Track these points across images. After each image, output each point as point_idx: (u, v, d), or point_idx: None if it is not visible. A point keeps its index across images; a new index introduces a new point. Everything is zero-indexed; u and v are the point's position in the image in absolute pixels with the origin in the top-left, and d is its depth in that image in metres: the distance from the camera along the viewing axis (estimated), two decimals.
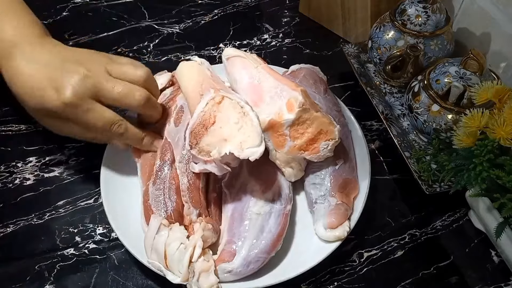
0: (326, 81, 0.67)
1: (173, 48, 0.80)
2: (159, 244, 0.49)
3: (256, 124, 0.51)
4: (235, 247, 0.51)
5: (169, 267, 0.49)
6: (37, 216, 0.58)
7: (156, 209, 0.53)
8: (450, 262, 0.56)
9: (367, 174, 0.58)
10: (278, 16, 0.87)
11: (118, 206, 0.55)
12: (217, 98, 0.53)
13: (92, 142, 0.57)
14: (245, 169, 0.57)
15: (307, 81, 0.65)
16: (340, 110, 0.65)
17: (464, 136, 0.49)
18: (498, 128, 0.46)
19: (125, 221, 0.54)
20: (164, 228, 0.50)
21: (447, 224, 0.59)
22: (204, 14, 0.86)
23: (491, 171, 0.46)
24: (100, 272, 0.54)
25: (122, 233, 0.53)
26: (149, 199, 0.53)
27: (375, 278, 0.54)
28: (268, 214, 0.53)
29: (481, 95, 0.50)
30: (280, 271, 0.52)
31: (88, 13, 0.85)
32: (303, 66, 0.68)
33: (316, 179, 0.57)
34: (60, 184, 0.61)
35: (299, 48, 0.81)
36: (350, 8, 0.77)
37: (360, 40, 0.77)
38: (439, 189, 0.57)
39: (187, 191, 0.53)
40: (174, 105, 0.61)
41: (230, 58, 0.62)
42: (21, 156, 0.64)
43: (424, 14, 0.63)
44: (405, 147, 0.61)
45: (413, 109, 0.60)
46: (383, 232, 0.58)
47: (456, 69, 0.56)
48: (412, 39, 0.64)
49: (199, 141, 0.51)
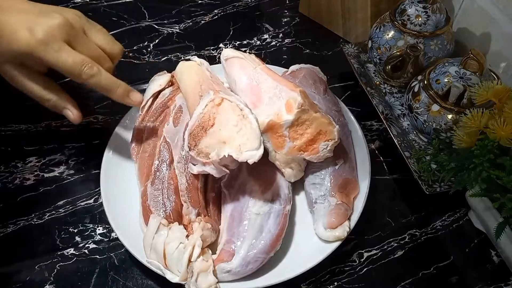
0: (326, 81, 0.67)
1: (173, 48, 0.80)
2: (158, 244, 0.49)
3: (255, 126, 0.51)
4: (234, 247, 0.51)
5: (168, 267, 0.49)
6: (37, 216, 0.58)
7: (155, 209, 0.53)
8: (450, 262, 0.56)
9: (367, 174, 0.58)
10: (278, 16, 0.87)
11: (118, 206, 0.55)
12: (217, 100, 0.53)
13: (48, 105, 0.57)
14: (244, 170, 0.57)
15: (306, 81, 0.65)
16: (340, 110, 0.65)
17: (464, 136, 0.49)
18: (498, 128, 0.46)
19: (125, 221, 0.54)
20: (163, 228, 0.50)
21: (447, 224, 0.59)
22: (204, 14, 0.87)
23: (491, 171, 0.46)
24: (100, 272, 0.54)
25: (122, 233, 0.53)
26: (147, 200, 0.53)
27: (375, 278, 0.54)
28: (267, 214, 0.53)
29: (481, 95, 0.50)
30: (280, 271, 0.52)
31: (88, 13, 0.84)
32: (303, 66, 0.68)
33: (316, 179, 0.57)
34: (60, 184, 0.61)
35: (299, 48, 0.81)
36: (350, 8, 0.77)
37: (360, 40, 0.77)
38: (439, 189, 0.57)
39: (186, 191, 0.53)
40: (173, 105, 0.61)
41: (228, 59, 0.62)
42: (21, 156, 0.64)
43: (424, 14, 0.63)
44: (405, 147, 0.61)
45: (413, 109, 0.60)
46: (383, 232, 0.58)
47: (456, 69, 0.56)
48: (412, 39, 0.64)
49: (198, 143, 0.51)
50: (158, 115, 0.61)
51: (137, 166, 0.58)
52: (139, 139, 0.61)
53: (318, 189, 0.57)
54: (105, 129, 0.67)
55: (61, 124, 0.68)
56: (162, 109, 0.62)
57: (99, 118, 0.69)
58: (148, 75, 0.67)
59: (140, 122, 0.61)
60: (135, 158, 0.59)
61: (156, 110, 0.62)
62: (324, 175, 0.57)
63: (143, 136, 0.60)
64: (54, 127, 0.68)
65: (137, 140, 0.61)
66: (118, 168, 0.59)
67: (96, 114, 0.69)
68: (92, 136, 0.67)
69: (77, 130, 0.67)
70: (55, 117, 0.69)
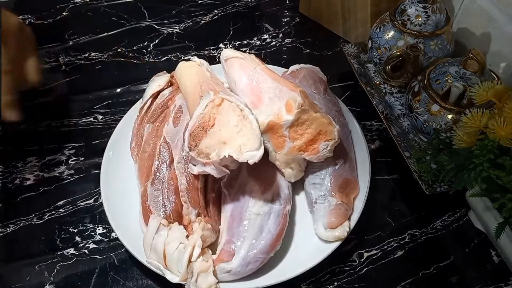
0: (326, 81, 0.67)
1: (173, 48, 0.80)
2: (158, 244, 0.49)
3: (255, 127, 0.51)
4: (234, 247, 0.51)
5: (168, 267, 0.49)
6: (37, 216, 0.58)
7: (155, 210, 0.53)
8: (450, 262, 0.56)
9: (367, 174, 0.58)
10: (278, 16, 0.87)
11: (118, 206, 0.55)
12: (217, 100, 0.53)
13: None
14: (244, 170, 0.57)
15: (306, 81, 0.65)
16: (340, 110, 0.65)
17: (464, 136, 0.49)
18: (498, 128, 0.46)
19: (125, 221, 0.54)
20: (163, 228, 0.50)
21: (447, 224, 0.59)
22: (204, 14, 0.87)
23: (491, 171, 0.46)
24: (100, 272, 0.54)
25: (122, 233, 0.53)
26: (147, 200, 0.53)
27: (375, 278, 0.54)
28: (268, 215, 0.53)
29: (481, 95, 0.50)
30: (280, 271, 0.52)
31: (88, 13, 0.86)
32: (303, 66, 0.68)
33: (316, 179, 0.57)
34: (60, 184, 0.61)
35: (299, 48, 0.81)
36: (350, 8, 0.77)
37: (360, 40, 0.77)
38: (439, 189, 0.57)
39: (186, 191, 0.53)
40: (172, 105, 0.61)
41: (228, 59, 0.62)
42: (21, 156, 0.64)
43: (424, 14, 0.63)
44: (405, 147, 0.61)
45: (413, 109, 0.60)
46: (383, 232, 0.58)
47: (456, 69, 0.56)
48: (412, 39, 0.63)
49: (198, 143, 0.51)
50: (158, 115, 0.61)
51: (137, 166, 0.58)
52: (139, 139, 0.61)
53: (318, 189, 0.57)
54: (105, 129, 0.68)
55: (61, 124, 0.68)
56: (162, 110, 0.62)
57: (99, 118, 0.69)
58: (148, 75, 0.67)
59: (140, 123, 0.61)
60: (134, 158, 0.59)
61: (156, 110, 0.62)
62: (324, 175, 0.57)
63: (143, 137, 0.60)
64: (54, 127, 0.68)
65: (136, 140, 0.61)
66: (118, 168, 0.59)
67: (96, 114, 0.69)
68: (92, 136, 0.67)
69: (77, 130, 0.67)
70: (55, 117, 0.69)
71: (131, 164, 0.60)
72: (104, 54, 0.78)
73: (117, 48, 0.79)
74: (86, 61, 0.77)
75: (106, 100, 0.71)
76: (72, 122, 0.68)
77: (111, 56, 0.78)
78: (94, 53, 0.79)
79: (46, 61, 0.77)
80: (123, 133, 0.63)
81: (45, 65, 0.76)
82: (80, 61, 0.77)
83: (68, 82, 0.75)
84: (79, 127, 0.68)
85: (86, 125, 0.68)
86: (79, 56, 0.78)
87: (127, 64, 0.77)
